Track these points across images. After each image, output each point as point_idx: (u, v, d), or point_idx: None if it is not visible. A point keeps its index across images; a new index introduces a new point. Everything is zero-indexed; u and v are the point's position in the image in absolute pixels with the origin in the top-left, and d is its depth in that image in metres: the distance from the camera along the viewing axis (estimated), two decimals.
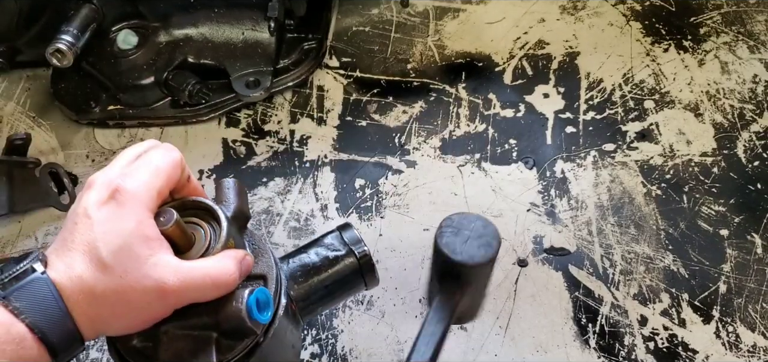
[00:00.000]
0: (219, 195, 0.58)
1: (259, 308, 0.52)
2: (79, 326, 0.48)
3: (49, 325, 0.46)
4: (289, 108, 0.97)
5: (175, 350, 0.51)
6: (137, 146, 0.54)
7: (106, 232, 0.48)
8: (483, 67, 1.01)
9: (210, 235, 0.53)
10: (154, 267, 0.48)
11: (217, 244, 0.52)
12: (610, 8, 1.07)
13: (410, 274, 0.81)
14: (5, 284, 0.47)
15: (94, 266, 0.48)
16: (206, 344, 0.51)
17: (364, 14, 1.08)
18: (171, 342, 0.51)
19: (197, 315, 0.51)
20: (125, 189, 0.49)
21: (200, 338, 0.51)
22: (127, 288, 0.48)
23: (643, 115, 0.94)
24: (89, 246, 0.48)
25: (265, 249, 0.59)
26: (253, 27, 0.96)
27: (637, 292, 0.79)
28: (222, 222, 0.53)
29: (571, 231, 0.84)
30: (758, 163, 0.89)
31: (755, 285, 0.79)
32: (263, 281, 0.57)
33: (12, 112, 0.99)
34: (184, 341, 0.51)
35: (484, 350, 0.75)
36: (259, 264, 0.57)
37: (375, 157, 0.92)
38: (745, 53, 1.00)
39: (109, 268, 0.47)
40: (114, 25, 0.94)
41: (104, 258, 0.47)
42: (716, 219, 0.84)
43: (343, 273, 0.64)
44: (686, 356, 0.74)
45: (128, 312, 0.49)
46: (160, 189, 0.51)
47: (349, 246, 0.65)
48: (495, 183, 0.88)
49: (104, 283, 0.47)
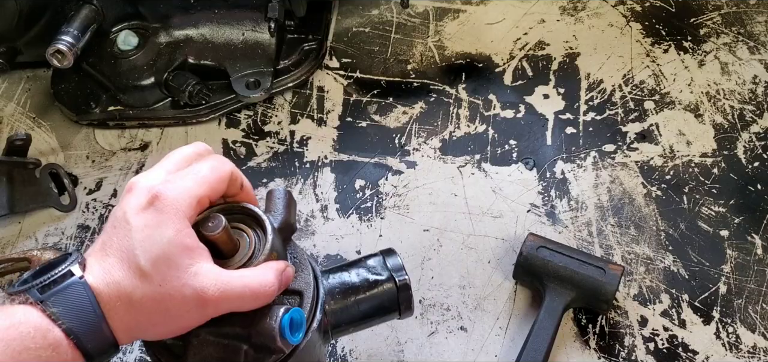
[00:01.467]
0: (268, 204, 0.58)
1: (292, 329, 0.52)
2: (115, 332, 0.47)
3: (85, 331, 0.46)
4: (290, 109, 0.98)
5: (204, 356, 0.51)
6: (186, 148, 0.54)
7: (144, 239, 0.48)
8: (483, 68, 1.01)
9: (254, 243, 0.54)
10: (195, 277, 0.48)
11: (260, 255, 0.53)
12: (610, 9, 1.07)
13: (410, 275, 0.81)
14: (44, 287, 0.47)
15: (132, 273, 0.47)
16: (235, 355, 0.51)
17: (364, 15, 1.08)
18: (201, 346, 0.51)
19: (230, 324, 0.51)
20: (165, 196, 0.49)
21: (230, 347, 0.52)
22: (166, 296, 0.48)
23: (643, 116, 0.94)
24: (127, 253, 0.48)
25: (305, 263, 0.59)
26: (254, 28, 0.96)
27: (637, 293, 0.79)
28: (268, 233, 0.54)
29: (571, 232, 0.84)
30: (758, 164, 0.89)
31: (755, 286, 0.79)
32: (299, 297, 0.57)
33: (12, 112, 0.99)
34: (213, 348, 0.51)
35: (484, 350, 0.75)
36: (297, 280, 0.57)
37: (375, 157, 0.92)
38: (745, 54, 1.00)
39: (147, 276, 0.47)
40: (114, 26, 0.94)
41: (142, 266, 0.47)
42: (716, 220, 0.84)
43: (380, 298, 0.64)
44: (686, 357, 0.74)
45: (165, 320, 0.49)
46: (201, 198, 0.51)
47: (391, 272, 0.64)
48: (495, 184, 0.88)
49: (142, 291, 0.47)
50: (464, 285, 0.80)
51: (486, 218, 0.85)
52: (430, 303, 0.79)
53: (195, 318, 0.49)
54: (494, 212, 0.86)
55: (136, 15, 0.95)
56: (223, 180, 0.53)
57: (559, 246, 0.77)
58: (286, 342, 0.51)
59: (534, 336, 0.72)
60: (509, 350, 0.75)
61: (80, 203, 0.89)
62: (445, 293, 0.80)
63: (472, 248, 0.83)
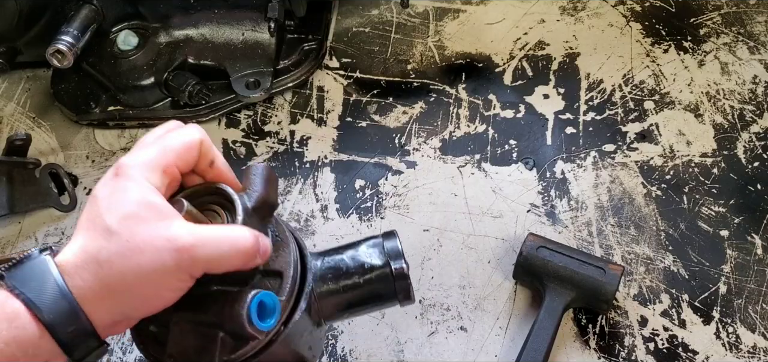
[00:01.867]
0: (245, 181, 0.55)
1: (262, 314, 0.50)
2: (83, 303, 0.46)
3: (46, 301, 0.45)
4: (289, 109, 0.98)
5: (183, 344, 0.50)
6: (157, 128, 0.53)
7: (109, 204, 0.47)
8: (483, 68, 1.01)
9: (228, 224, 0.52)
10: (167, 229, 0.47)
11: None
12: (610, 9, 1.07)
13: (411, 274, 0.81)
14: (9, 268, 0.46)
15: (98, 234, 0.46)
16: (212, 342, 0.50)
17: (364, 15, 1.08)
18: (180, 335, 0.51)
19: (205, 311, 0.50)
20: (129, 165, 0.48)
21: (207, 335, 0.50)
22: (136, 249, 0.46)
23: (643, 116, 0.94)
24: (93, 220, 0.47)
25: (287, 242, 0.56)
26: (254, 28, 0.96)
27: (637, 293, 0.79)
28: (237, 213, 0.51)
29: (571, 232, 0.84)
30: (758, 164, 0.89)
31: (755, 286, 0.79)
32: (280, 278, 0.54)
33: (12, 112, 0.99)
34: (192, 336, 0.50)
35: (484, 350, 0.75)
36: (277, 260, 0.55)
37: (375, 157, 0.92)
38: (745, 54, 1.00)
39: (114, 233, 0.46)
40: (114, 26, 0.94)
41: (109, 225, 0.46)
42: (716, 219, 0.84)
43: (375, 285, 0.60)
44: (686, 357, 0.74)
45: (140, 282, 0.46)
46: (165, 167, 0.50)
47: (388, 258, 0.60)
48: (495, 184, 0.88)
49: (109, 250, 0.46)
50: (464, 285, 0.80)
51: (486, 218, 0.85)
52: (430, 303, 0.79)
53: (172, 274, 0.47)
54: (494, 212, 0.86)
55: (136, 15, 0.95)
56: (191, 148, 0.51)
57: (559, 246, 0.77)
58: (257, 329, 0.49)
59: (534, 336, 0.72)
60: (509, 350, 0.75)
61: (80, 203, 0.89)
62: (445, 293, 0.80)
63: (472, 248, 0.83)
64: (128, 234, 0.46)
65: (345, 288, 0.60)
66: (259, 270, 0.54)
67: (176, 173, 0.51)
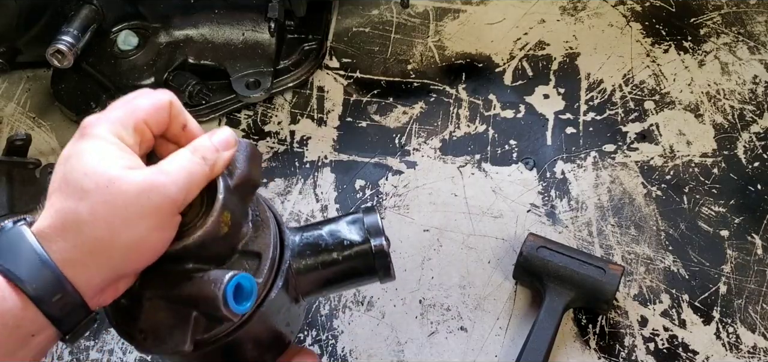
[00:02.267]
0: None
1: (239, 297, 0.49)
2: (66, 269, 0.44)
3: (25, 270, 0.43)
4: (290, 109, 0.98)
5: (155, 320, 0.49)
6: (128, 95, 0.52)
7: (79, 163, 0.46)
8: (483, 68, 1.01)
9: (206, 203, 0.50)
10: (138, 176, 0.46)
11: (211, 214, 0.49)
12: (610, 9, 1.07)
13: (410, 275, 0.81)
14: None
15: (70, 196, 0.45)
16: (184, 321, 0.49)
17: (364, 15, 1.08)
18: (153, 311, 0.50)
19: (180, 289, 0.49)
20: (93, 124, 0.47)
21: (180, 313, 0.49)
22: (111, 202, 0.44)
23: (644, 116, 0.94)
24: (64, 183, 0.46)
25: (267, 223, 0.55)
26: (254, 28, 0.96)
27: (638, 293, 0.79)
28: (218, 190, 0.50)
29: (572, 232, 0.84)
30: (758, 164, 0.89)
31: (755, 286, 0.79)
32: (258, 260, 0.53)
33: (12, 112, 0.99)
34: (164, 312, 0.49)
35: (484, 350, 0.75)
36: (256, 241, 0.53)
37: (375, 157, 0.92)
38: (745, 54, 1.00)
39: (87, 191, 0.44)
40: (114, 26, 0.94)
41: (80, 184, 0.45)
42: (716, 220, 0.84)
43: (354, 262, 0.59)
44: (686, 357, 0.74)
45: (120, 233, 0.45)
46: (135, 124, 0.48)
47: (367, 235, 0.58)
48: (495, 184, 0.88)
49: (84, 208, 0.44)
50: (464, 285, 0.80)
51: (486, 218, 0.85)
52: (430, 303, 0.79)
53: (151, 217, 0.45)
54: (494, 212, 0.86)
55: (136, 15, 0.95)
56: (160, 108, 0.50)
57: (559, 246, 0.77)
58: (232, 311, 0.48)
59: (534, 336, 0.72)
60: (509, 350, 0.75)
61: None
62: (445, 293, 0.80)
63: (472, 248, 0.83)
64: (102, 190, 0.44)
65: (324, 264, 0.58)
66: (237, 250, 0.53)
67: (147, 132, 0.50)
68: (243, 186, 0.53)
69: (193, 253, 0.49)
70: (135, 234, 0.45)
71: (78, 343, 0.76)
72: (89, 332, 0.51)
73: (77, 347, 0.76)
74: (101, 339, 0.77)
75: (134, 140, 0.49)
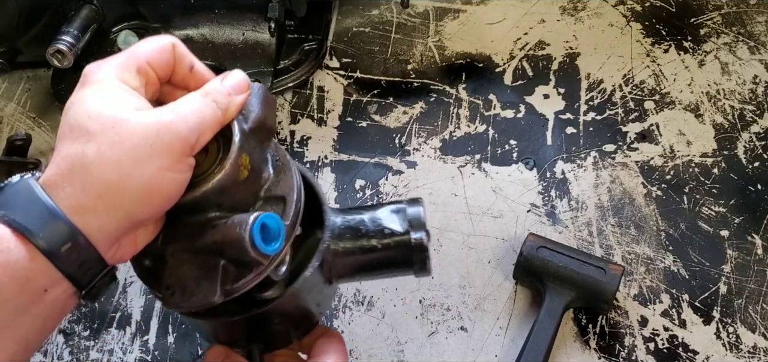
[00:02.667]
0: None
1: (266, 238, 0.46)
2: (74, 216, 0.42)
3: (32, 219, 0.41)
4: (290, 109, 0.98)
5: (180, 274, 0.48)
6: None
7: (83, 108, 0.44)
8: (483, 68, 1.01)
9: (221, 148, 0.48)
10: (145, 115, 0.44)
11: (228, 158, 0.47)
12: (610, 9, 1.07)
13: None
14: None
15: (76, 140, 0.43)
16: (212, 271, 0.47)
17: (365, 15, 1.08)
18: (177, 266, 0.48)
19: (203, 237, 0.47)
20: (94, 70, 0.46)
21: (206, 264, 0.47)
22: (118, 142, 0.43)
23: (644, 116, 0.94)
24: (69, 130, 0.44)
25: (288, 167, 0.53)
26: (254, 28, 0.96)
27: (638, 293, 0.79)
28: (234, 132, 0.48)
29: (572, 232, 0.84)
30: (758, 164, 0.89)
31: (756, 286, 0.79)
32: (283, 203, 0.51)
33: (12, 112, 0.99)
34: (189, 266, 0.48)
35: (485, 350, 0.75)
36: (278, 185, 0.51)
37: (375, 157, 0.92)
38: (745, 54, 1.00)
39: (92, 134, 0.43)
40: (114, 26, 0.94)
41: (86, 127, 0.43)
42: (716, 220, 0.84)
43: (392, 251, 0.57)
44: (686, 357, 0.74)
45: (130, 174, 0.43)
46: (138, 66, 0.47)
47: (409, 227, 0.57)
48: (495, 184, 0.88)
49: (91, 150, 0.43)
50: (464, 285, 0.80)
51: (486, 218, 0.85)
52: (430, 303, 0.79)
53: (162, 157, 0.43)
54: (494, 212, 0.86)
55: (136, 15, 0.95)
56: (163, 50, 0.48)
57: (560, 246, 0.77)
58: (261, 253, 0.46)
59: (534, 336, 0.72)
60: (509, 350, 0.75)
61: None
62: (445, 293, 0.80)
63: (472, 248, 0.83)
64: (108, 131, 0.43)
65: (361, 250, 0.58)
66: (260, 197, 0.52)
67: (151, 74, 0.48)
68: (259, 130, 0.51)
69: (214, 201, 0.48)
70: (145, 175, 0.43)
71: (78, 343, 0.76)
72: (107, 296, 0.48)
73: (77, 347, 0.76)
74: (101, 339, 0.77)
75: (139, 82, 0.47)
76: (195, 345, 0.76)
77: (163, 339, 0.77)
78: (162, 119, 0.44)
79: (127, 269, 0.81)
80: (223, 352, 0.56)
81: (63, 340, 0.77)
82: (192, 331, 0.77)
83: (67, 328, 0.77)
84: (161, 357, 0.75)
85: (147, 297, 0.79)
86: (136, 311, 0.78)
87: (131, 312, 0.78)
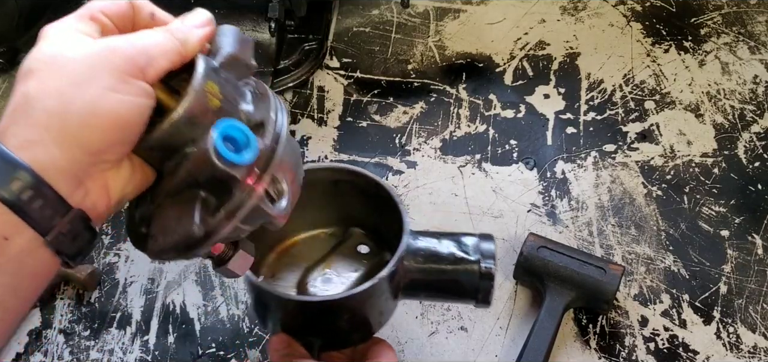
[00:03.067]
0: (212, 44, 0.50)
1: (235, 146, 0.44)
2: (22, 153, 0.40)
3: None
4: (290, 109, 0.98)
5: (163, 219, 0.47)
6: None
7: (28, 57, 0.43)
8: (483, 68, 1.01)
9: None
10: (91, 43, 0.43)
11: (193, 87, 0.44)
12: (610, 9, 1.07)
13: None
14: None
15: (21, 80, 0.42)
16: (191, 203, 0.46)
17: (365, 15, 1.08)
18: (161, 213, 0.47)
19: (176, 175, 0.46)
20: (45, 28, 0.45)
21: (184, 198, 0.46)
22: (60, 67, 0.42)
23: (644, 116, 0.94)
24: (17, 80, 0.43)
25: (267, 96, 0.51)
26: (254, 28, 0.96)
27: (638, 293, 0.79)
28: (197, 62, 0.46)
29: (572, 232, 0.84)
30: (759, 164, 0.89)
31: (756, 286, 0.79)
32: (261, 128, 0.49)
33: None
34: (170, 209, 0.47)
35: (485, 350, 0.75)
36: (257, 111, 0.49)
37: (375, 157, 0.92)
38: (745, 54, 1.00)
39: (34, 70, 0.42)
40: None
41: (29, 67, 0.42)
42: (717, 219, 0.84)
43: (459, 276, 0.62)
44: (687, 357, 0.74)
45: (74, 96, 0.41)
46: (91, 15, 0.45)
47: (480, 256, 0.62)
48: (495, 184, 0.88)
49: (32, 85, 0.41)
50: None
51: (486, 218, 0.85)
52: (430, 304, 0.79)
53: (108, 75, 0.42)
54: (494, 212, 0.86)
55: None
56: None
57: (560, 246, 0.77)
58: (228, 162, 0.44)
59: (534, 336, 0.72)
60: (509, 350, 0.75)
61: None
62: None
63: None
64: (49, 64, 0.42)
65: (430, 271, 0.62)
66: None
67: (106, 21, 0.46)
68: (231, 65, 0.49)
69: (188, 135, 0.45)
70: (88, 97, 0.41)
71: (78, 343, 0.76)
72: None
73: (77, 347, 0.76)
74: (101, 339, 0.77)
75: (92, 28, 0.45)
76: (195, 345, 0.76)
77: (164, 339, 0.76)
78: (107, 44, 0.43)
79: (128, 269, 0.81)
80: (286, 340, 0.60)
81: (63, 340, 0.77)
82: (192, 332, 0.77)
83: (68, 328, 0.77)
84: (161, 357, 0.75)
85: (147, 297, 0.79)
86: (136, 311, 0.78)
87: (131, 312, 0.78)
